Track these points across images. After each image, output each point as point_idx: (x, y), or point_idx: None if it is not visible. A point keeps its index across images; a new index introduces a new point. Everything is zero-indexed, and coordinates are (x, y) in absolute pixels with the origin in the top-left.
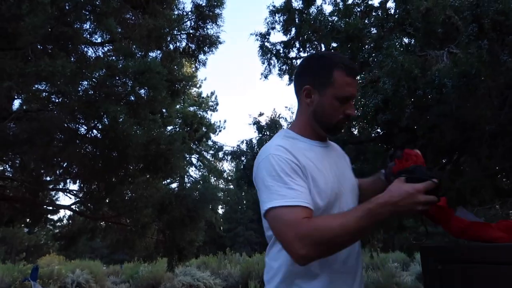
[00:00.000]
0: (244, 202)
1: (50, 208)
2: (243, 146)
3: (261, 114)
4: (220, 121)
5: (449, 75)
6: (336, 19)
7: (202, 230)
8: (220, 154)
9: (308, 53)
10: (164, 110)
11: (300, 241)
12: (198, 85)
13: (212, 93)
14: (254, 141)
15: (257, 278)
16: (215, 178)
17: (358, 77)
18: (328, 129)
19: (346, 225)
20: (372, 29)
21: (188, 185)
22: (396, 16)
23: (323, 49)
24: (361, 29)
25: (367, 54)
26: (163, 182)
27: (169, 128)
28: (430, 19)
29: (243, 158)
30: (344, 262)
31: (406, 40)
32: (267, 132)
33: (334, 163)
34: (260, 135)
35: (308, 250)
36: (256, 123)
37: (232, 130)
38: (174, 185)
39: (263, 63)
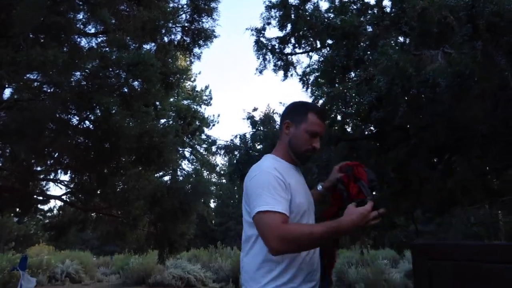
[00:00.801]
0: (236, 196)
1: (41, 198)
2: (237, 141)
3: (255, 109)
4: (213, 115)
5: (443, 75)
6: (332, 16)
7: (194, 223)
8: (213, 148)
9: (304, 49)
10: (157, 103)
11: (276, 239)
12: (192, 79)
13: (206, 87)
14: (248, 135)
15: None
16: (207, 172)
17: (353, 75)
18: (298, 155)
19: (313, 234)
20: (367, 26)
21: (181, 178)
22: (392, 14)
23: (319, 45)
24: (357, 27)
25: (362, 52)
26: (156, 175)
27: (163, 121)
28: (426, 18)
29: (236, 153)
30: (307, 259)
31: (401, 38)
32: (261, 127)
33: (303, 183)
34: (254, 129)
35: (280, 247)
36: (250, 118)
37: (226, 124)
38: (166, 178)
39: (258, 58)
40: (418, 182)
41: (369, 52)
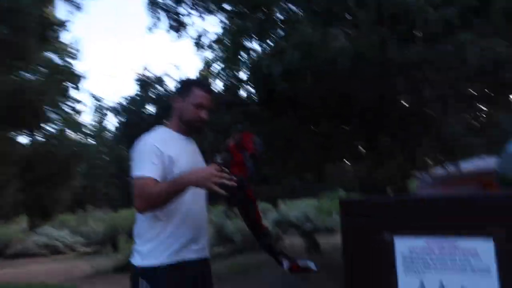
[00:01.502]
0: (107, 157)
1: None
2: (122, 101)
3: (145, 69)
4: (89, 72)
5: (345, 55)
6: None
7: (70, 188)
8: (87, 108)
9: (199, 11)
10: (30, 57)
11: (136, 198)
12: (69, 31)
13: (78, 40)
14: (136, 97)
15: (126, 234)
16: (79, 133)
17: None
18: (189, 127)
19: (160, 190)
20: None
21: (52, 140)
22: None
23: (215, 8)
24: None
25: (274, 25)
26: (27, 138)
27: (36, 77)
28: None
29: (123, 115)
30: (185, 215)
31: (308, 14)
32: (150, 88)
33: (191, 153)
34: (141, 91)
35: (139, 205)
36: (140, 80)
37: (98, 81)
38: (38, 139)
39: (150, 17)
40: (298, 145)
41: (280, 26)
